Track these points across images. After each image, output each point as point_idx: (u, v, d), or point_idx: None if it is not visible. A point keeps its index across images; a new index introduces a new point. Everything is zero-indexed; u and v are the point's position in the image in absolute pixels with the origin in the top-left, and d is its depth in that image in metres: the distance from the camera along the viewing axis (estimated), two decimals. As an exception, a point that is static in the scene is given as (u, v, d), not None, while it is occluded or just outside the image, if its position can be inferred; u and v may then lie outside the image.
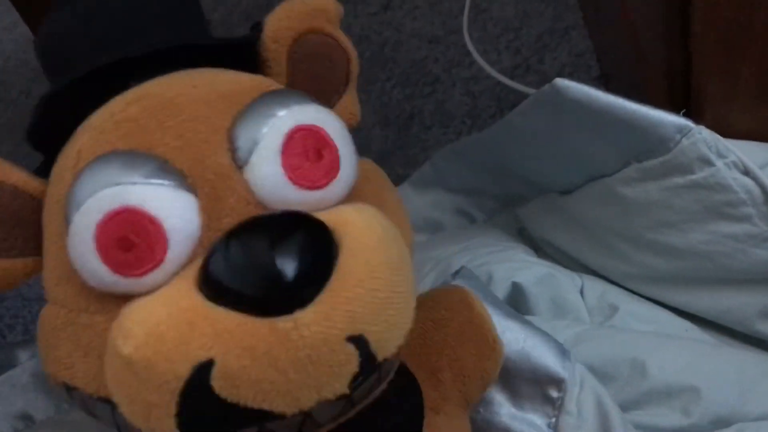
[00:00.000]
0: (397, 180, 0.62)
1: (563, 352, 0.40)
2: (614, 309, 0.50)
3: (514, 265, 0.54)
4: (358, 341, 0.22)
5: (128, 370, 0.22)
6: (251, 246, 0.22)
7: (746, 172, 0.42)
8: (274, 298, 0.21)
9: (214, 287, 0.22)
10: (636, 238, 0.48)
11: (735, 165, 0.42)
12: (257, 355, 0.21)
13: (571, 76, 0.44)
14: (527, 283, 0.52)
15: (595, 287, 0.52)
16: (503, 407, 0.40)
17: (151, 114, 0.25)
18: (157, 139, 0.24)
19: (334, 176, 0.25)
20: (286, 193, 0.25)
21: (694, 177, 0.43)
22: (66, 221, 0.24)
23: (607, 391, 0.42)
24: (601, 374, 0.43)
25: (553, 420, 0.39)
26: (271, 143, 0.25)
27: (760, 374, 0.42)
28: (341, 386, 0.22)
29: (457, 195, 0.64)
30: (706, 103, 0.47)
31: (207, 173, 0.24)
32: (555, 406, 0.39)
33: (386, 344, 0.23)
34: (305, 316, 0.21)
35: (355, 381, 0.23)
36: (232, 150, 0.25)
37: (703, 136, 0.42)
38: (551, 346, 0.40)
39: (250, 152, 0.24)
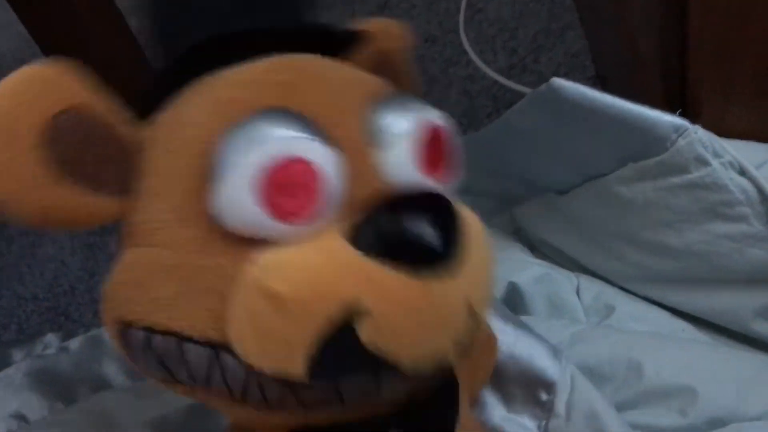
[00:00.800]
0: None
1: (555, 354, 0.40)
2: (610, 309, 0.50)
3: (511, 265, 0.54)
4: (473, 313, 0.25)
5: (275, 308, 0.23)
6: (413, 213, 0.24)
7: (742, 172, 0.42)
8: (427, 261, 0.23)
9: (373, 244, 0.23)
10: (632, 238, 0.48)
11: (731, 165, 0.42)
12: (407, 308, 0.23)
13: (566, 76, 0.44)
14: (524, 282, 0.52)
15: (591, 287, 0.52)
16: (496, 409, 0.41)
17: (304, 80, 0.27)
18: (309, 104, 0.26)
19: (451, 174, 0.29)
20: (414, 178, 0.27)
21: (690, 177, 0.43)
22: (216, 165, 0.24)
23: (603, 391, 0.42)
24: (598, 374, 0.43)
25: (544, 422, 0.39)
26: (411, 133, 0.27)
27: (757, 374, 0.42)
28: (452, 352, 0.25)
29: (454, 194, 0.64)
30: (702, 103, 0.47)
31: (351, 145, 0.26)
32: (545, 408, 0.39)
33: (479, 324, 0.26)
34: (450, 281, 0.24)
35: (460, 349, 0.25)
36: (370, 131, 0.27)
37: (699, 136, 0.42)
38: (543, 348, 0.40)
39: (388, 136, 0.27)
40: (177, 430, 0.43)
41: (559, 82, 0.44)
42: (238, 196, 0.24)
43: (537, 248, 0.60)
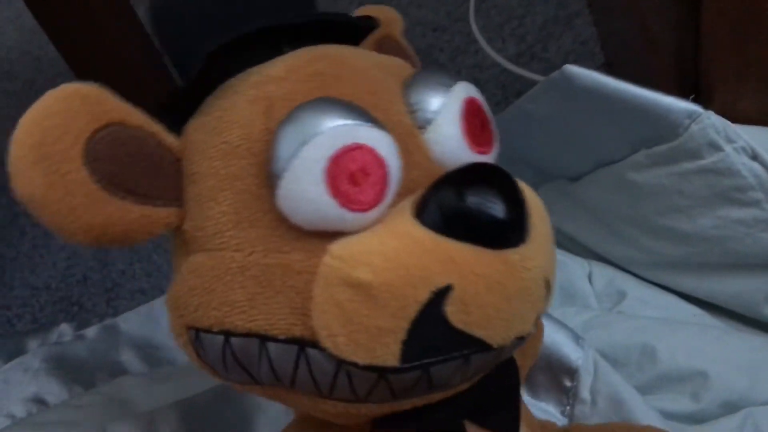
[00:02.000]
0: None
1: (576, 340, 0.40)
2: (622, 295, 0.50)
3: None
4: (547, 284, 0.25)
5: (362, 296, 0.23)
6: (484, 188, 0.24)
7: (755, 157, 0.42)
8: (504, 233, 0.24)
9: (448, 222, 0.23)
10: (645, 224, 0.48)
11: (744, 150, 0.42)
12: (491, 282, 0.23)
13: (575, 64, 0.44)
14: (536, 269, 0.52)
15: (603, 273, 0.52)
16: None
17: (341, 70, 0.27)
18: (353, 93, 0.26)
19: (494, 145, 0.28)
20: (462, 154, 0.27)
21: (703, 162, 0.43)
22: (275, 162, 0.24)
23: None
24: (611, 360, 0.43)
25: (568, 408, 0.40)
26: (452, 108, 0.27)
27: (769, 358, 0.42)
28: (533, 323, 0.25)
29: (464, 183, 0.64)
30: (715, 88, 0.47)
31: (397, 128, 0.26)
32: (569, 395, 0.39)
33: (552, 294, 0.26)
34: (525, 250, 0.24)
35: (535, 322, 0.26)
36: (411, 112, 0.27)
37: (711, 122, 0.42)
38: (565, 334, 0.40)
39: (431, 115, 0.27)
40: (202, 414, 0.43)
41: (572, 68, 0.44)
42: (306, 189, 0.23)
43: (548, 235, 0.60)
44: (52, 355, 0.51)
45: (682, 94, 0.43)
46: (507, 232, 0.24)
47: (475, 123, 0.27)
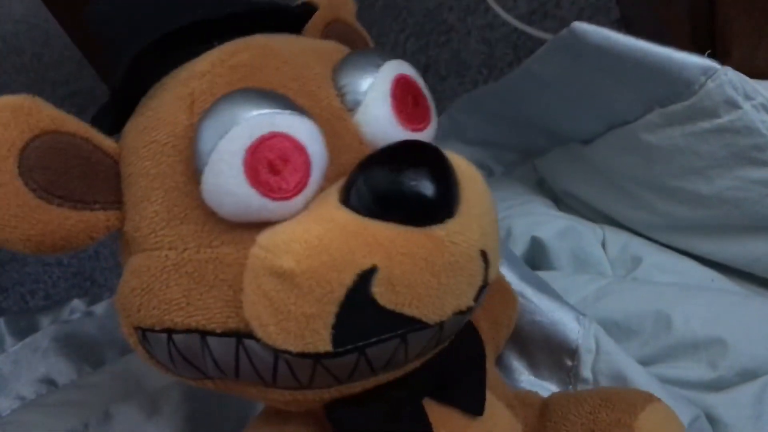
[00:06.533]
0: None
1: (577, 318, 0.39)
2: (637, 261, 0.49)
3: (534, 219, 0.53)
4: (485, 256, 0.25)
5: (287, 285, 0.23)
6: (408, 166, 0.24)
7: (775, 114, 0.41)
8: (429, 210, 0.24)
9: (367, 203, 0.24)
10: (660, 186, 0.47)
11: (763, 107, 0.40)
12: (417, 260, 0.23)
13: (589, 20, 0.43)
14: (547, 237, 0.51)
15: (617, 239, 0.51)
16: (523, 374, 0.41)
17: (264, 59, 0.27)
18: (275, 81, 0.26)
19: (429, 121, 0.28)
20: (393, 133, 0.27)
21: (720, 121, 0.41)
22: (197, 157, 0.24)
23: (630, 346, 0.41)
24: (625, 329, 0.42)
25: (570, 387, 0.39)
26: (381, 88, 0.27)
27: (790, 324, 0.41)
28: (471, 297, 0.25)
29: (475, 147, 0.63)
30: (732, 43, 0.46)
31: (324, 113, 0.26)
32: (570, 374, 0.39)
33: (494, 267, 0.26)
34: (453, 225, 0.24)
35: (478, 296, 0.26)
36: (340, 95, 0.27)
37: (729, 78, 0.40)
38: (565, 313, 0.40)
39: (360, 96, 0.27)
40: (204, 392, 0.43)
41: (581, 26, 0.42)
42: (227, 182, 0.24)
43: (561, 200, 0.58)
44: (62, 334, 0.51)
45: (698, 49, 0.41)
46: (432, 209, 0.24)
47: (406, 100, 0.27)
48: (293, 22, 0.32)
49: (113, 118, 0.28)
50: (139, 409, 0.43)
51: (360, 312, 0.23)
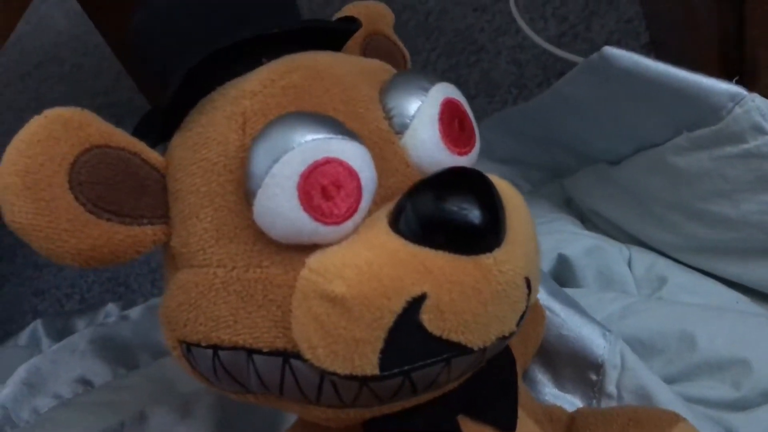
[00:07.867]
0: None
1: (603, 333, 0.40)
2: (663, 281, 0.49)
3: (561, 237, 0.53)
4: (528, 283, 0.26)
5: (338, 309, 0.23)
6: (457, 194, 0.24)
7: (801, 141, 0.41)
8: (477, 239, 0.24)
9: (416, 230, 0.24)
10: (686, 209, 0.47)
11: (790, 134, 0.41)
12: (465, 288, 0.24)
13: (619, 44, 0.44)
14: (574, 255, 0.51)
15: (643, 259, 0.51)
16: (546, 387, 0.41)
17: (313, 81, 0.27)
18: (326, 103, 0.26)
19: (474, 144, 0.28)
20: (441, 157, 0.27)
21: (746, 146, 0.42)
22: (251, 178, 0.24)
23: (655, 364, 0.41)
24: (649, 347, 0.43)
25: (594, 402, 0.39)
26: (429, 112, 0.27)
27: (814, 347, 0.41)
28: (514, 322, 0.25)
29: (503, 165, 0.64)
30: (760, 69, 0.46)
31: (373, 136, 0.26)
32: (594, 389, 0.39)
33: (535, 291, 0.27)
34: (500, 254, 0.24)
35: (519, 320, 0.26)
36: (388, 118, 0.27)
37: (756, 104, 0.41)
38: (591, 328, 0.40)
39: (408, 119, 0.27)
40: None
41: (611, 50, 0.43)
42: (280, 205, 0.24)
43: (587, 219, 0.59)
44: (98, 337, 0.52)
45: (727, 76, 0.42)
46: (481, 238, 0.24)
47: (453, 125, 0.27)
48: (334, 37, 0.32)
49: (159, 130, 0.29)
50: (172, 411, 0.44)
51: (408, 337, 0.23)
